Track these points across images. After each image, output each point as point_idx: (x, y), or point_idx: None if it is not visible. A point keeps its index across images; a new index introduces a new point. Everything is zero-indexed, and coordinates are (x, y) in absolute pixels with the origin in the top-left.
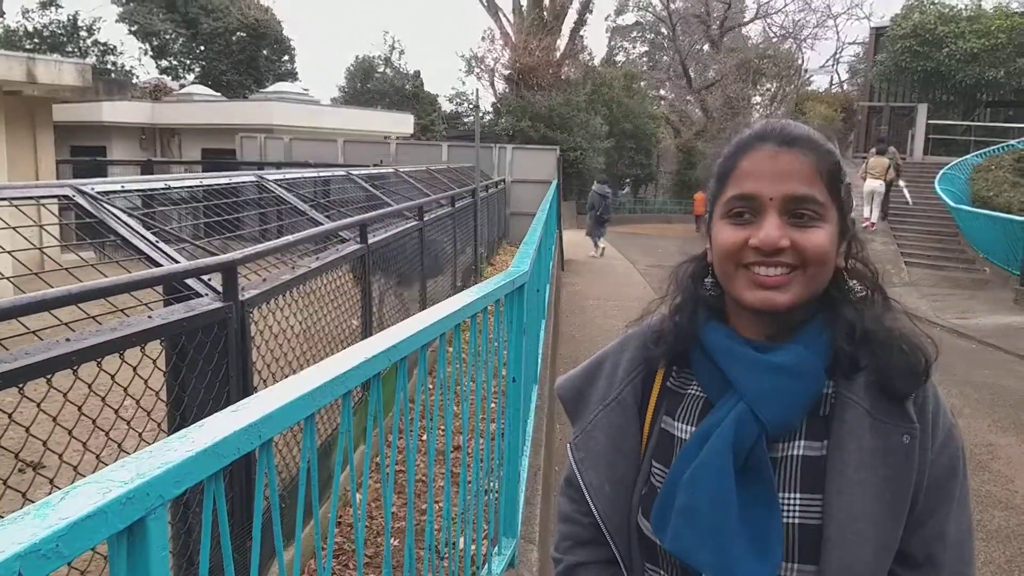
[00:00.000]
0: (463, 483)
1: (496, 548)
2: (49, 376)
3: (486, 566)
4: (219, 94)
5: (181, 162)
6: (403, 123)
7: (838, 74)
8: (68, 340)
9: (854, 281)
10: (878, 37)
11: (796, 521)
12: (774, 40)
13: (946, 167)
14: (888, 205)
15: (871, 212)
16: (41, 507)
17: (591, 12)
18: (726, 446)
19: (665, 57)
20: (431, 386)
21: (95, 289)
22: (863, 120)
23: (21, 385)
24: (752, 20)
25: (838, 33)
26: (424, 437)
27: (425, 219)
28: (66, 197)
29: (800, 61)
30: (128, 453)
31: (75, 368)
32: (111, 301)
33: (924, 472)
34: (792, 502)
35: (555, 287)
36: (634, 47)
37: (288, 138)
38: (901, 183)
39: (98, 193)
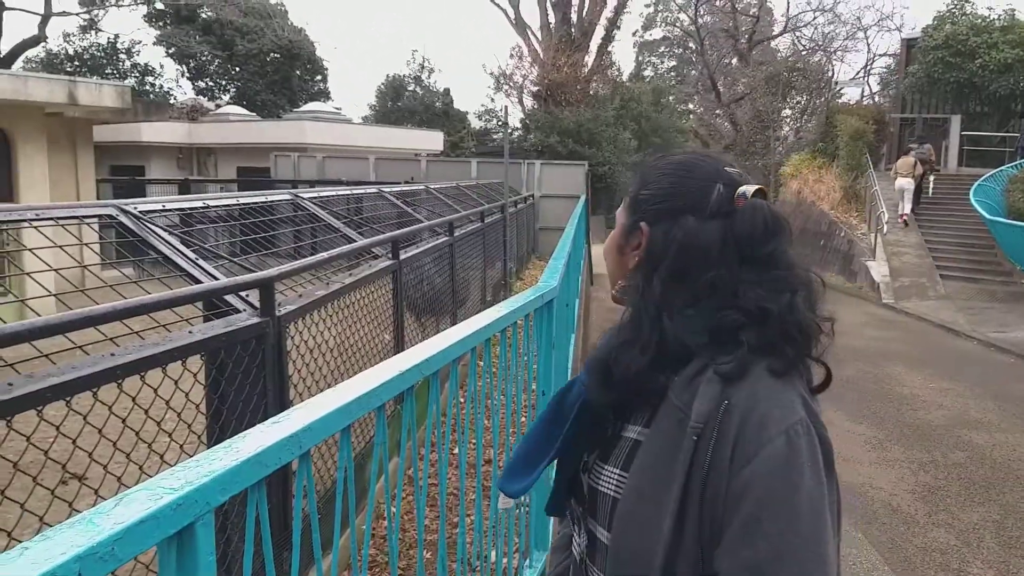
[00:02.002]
0: (494, 496)
1: (528, 561)
2: (95, 389)
3: None
4: (254, 114)
5: (217, 181)
6: (433, 140)
7: (869, 86)
8: (113, 355)
9: None
10: (909, 48)
11: (611, 494)
12: (803, 53)
13: (981, 179)
14: (920, 199)
15: (903, 207)
16: (96, 513)
17: (619, 28)
18: (552, 399)
19: (693, 71)
20: (463, 400)
21: (139, 305)
22: (895, 132)
23: (68, 399)
24: (781, 33)
25: (868, 45)
26: (456, 450)
27: (455, 235)
28: (110, 216)
29: (830, 73)
30: (169, 465)
31: (120, 382)
32: (153, 317)
33: (719, 482)
34: (614, 476)
35: (585, 301)
36: (662, 62)
37: (321, 156)
38: (931, 178)
39: (140, 212)
